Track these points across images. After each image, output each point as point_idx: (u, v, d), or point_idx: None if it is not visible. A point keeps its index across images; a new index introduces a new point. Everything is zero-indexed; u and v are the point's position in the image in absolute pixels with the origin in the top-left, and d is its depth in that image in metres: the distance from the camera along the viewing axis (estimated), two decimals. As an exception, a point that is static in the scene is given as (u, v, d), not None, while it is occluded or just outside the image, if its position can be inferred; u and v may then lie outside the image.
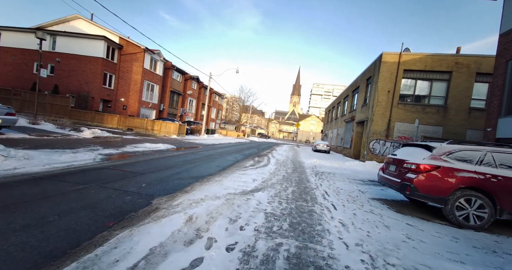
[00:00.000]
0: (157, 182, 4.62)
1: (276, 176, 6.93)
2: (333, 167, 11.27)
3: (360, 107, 19.13)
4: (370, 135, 15.76)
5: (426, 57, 14.97)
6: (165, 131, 17.59)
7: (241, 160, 9.87)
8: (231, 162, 8.88)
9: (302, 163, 11.87)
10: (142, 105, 21.20)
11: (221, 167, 7.52)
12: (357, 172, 10.21)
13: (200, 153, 10.60)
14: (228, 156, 10.90)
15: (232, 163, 8.63)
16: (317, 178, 7.40)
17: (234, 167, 7.74)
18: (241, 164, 8.64)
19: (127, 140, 11.16)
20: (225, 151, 13.01)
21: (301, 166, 10.26)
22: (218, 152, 11.91)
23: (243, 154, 12.90)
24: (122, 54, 20.49)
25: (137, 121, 17.57)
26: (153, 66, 22.10)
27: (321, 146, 23.26)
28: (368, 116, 16.62)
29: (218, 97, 43.48)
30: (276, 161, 11.22)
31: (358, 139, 19.43)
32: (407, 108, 15.14)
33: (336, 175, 8.67)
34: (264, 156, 12.84)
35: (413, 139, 14.98)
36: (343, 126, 25.56)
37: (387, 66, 15.38)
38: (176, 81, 27.26)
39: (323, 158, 16.28)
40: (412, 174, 4.18)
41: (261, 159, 11.12)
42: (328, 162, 12.97)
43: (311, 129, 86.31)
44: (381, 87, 15.48)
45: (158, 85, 23.27)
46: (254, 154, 13.72)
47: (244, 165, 8.45)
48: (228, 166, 7.81)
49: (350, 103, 23.76)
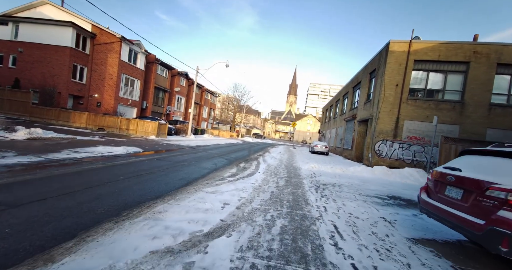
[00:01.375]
0: (28, 225, 2.48)
1: (261, 194, 4.84)
2: (336, 174, 9.24)
3: (363, 104, 17.19)
4: (375, 135, 13.81)
5: (439, 46, 13.08)
6: (142, 131, 15.35)
7: (220, 168, 7.75)
8: (206, 171, 6.75)
9: (298, 168, 9.81)
10: (119, 102, 18.88)
11: (186, 180, 5.39)
12: (366, 181, 8.19)
13: (171, 158, 8.45)
14: (206, 161, 8.77)
15: (206, 173, 6.51)
16: (318, 195, 5.33)
17: (205, 180, 5.62)
18: (218, 174, 6.53)
19: (78, 142, 8.93)
20: (207, 155, 10.88)
21: (297, 174, 8.19)
22: (196, 157, 9.77)
23: (228, 158, 10.78)
24: (96, 44, 18.14)
25: (110, 120, 15.29)
26: (132, 58, 19.80)
27: (319, 147, 21.29)
28: (372, 114, 14.67)
29: (210, 96, 41.24)
30: (266, 167, 9.13)
31: (361, 139, 17.49)
32: (418, 105, 13.23)
33: (343, 187, 6.62)
34: (253, 161, 10.74)
35: (424, 139, 13.09)
36: (342, 126, 23.65)
37: (395, 57, 13.44)
38: (161, 77, 24.97)
39: (322, 161, 14.26)
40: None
41: (248, 165, 9.02)
42: (328, 166, 10.95)
43: (308, 129, 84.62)
44: (388, 81, 13.54)
45: (140, 81, 20.96)
46: (241, 157, 11.61)
47: (221, 176, 6.34)
48: (197, 178, 5.68)
49: (350, 101, 21.84)
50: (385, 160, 13.53)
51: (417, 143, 13.17)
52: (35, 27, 16.93)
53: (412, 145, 13.24)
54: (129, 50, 19.24)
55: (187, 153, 10.47)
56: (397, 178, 9.34)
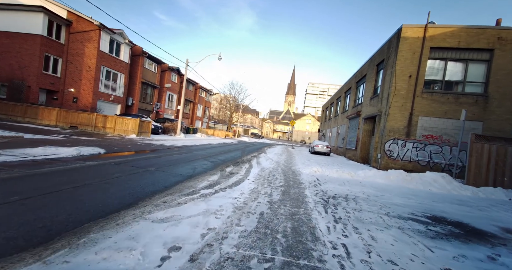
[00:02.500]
0: None
1: (243, 220, 3.12)
2: (345, 181, 7.54)
3: (369, 99, 15.53)
4: (385, 134, 12.13)
5: (459, 31, 11.44)
6: (121, 129, 13.54)
7: (199, 174, 6.01)
8: (175, 180, 5.01)
9: (299, 173, 8.09)
10: (99, 97, 17.02)
11: (133, 196, 3.66)
12: (385, 190, 6.49)
13: (138, 162, 6.70)
14: (183, 165, 7.03)
15: (174, 183, 4.77)
16: (329, 218, 3.62)
17: (165, 195, 3.88)
18: (190, 184, 4.79)
19: (19, 141, 7.13)
20: (189, 157, 9.13)
21: (297, 182, 6.47)
22: (174, 159, 8.02)
23: (214, 160, 9.03)
24: (72, 32, 16.29)
25: (83, 117, 13.47)
26: (114, 49, 17.95)
27: (320, 147, 19.60)
28: (381, 110, 13.01)
29: (205, 94, 39.44)
30: (259, 172, 7.40)
31: (367, 139, 15.83)
32: (435, 98, 11.58)
33: (359, 201, 4.91)
34: (244, 163, 9.01)
35: (442, 137, 11.44)
36: (344, 124, 21.99)
37: (408, 44, 11.78)
38: (150, 71, 23.14)
39: (324, 163, 12.56)
40: None
41: (236, 169, 7.28)
42: (334, 170, 9.24)
43: (307, 129, 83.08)
44: (399, 72, 11.87)
45: (124, 75, 19.12)
46: (231, 160, 9.86)
47: (194, 187, 4.60)
48: (154, 193, 3.95)
49: (353, 97, 20.18)
50: (397, 161, 11.87)
51: (434, 142, 11.51)
52: (1, 14, 15.05)
53: (428, 144, 11.58)
54: (111, 40, 17.40)
55: (164, 155, 8.71)
56: (419, 185, 7.65)
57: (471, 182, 8.07)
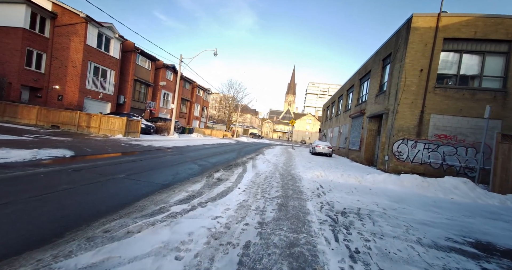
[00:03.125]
0: None
1: (217, 261, 2.08)
2: (352, 187, 6.51)
3: (374, 97, 14.50)
4: (393, 133, 11.11)
5: (475, 20, 10.40)
6: (107, 129, 12.53)
7: (178, 182, 4.99)
8: (144, 191, 4.00)
9: (299, 178, 7.06)
10: (86, 95, 16.01)
11: (64, 223, 2.63)
12: (402, 201, 5.46)
13: (108, 167, 5.70)
14: (163, 171, 6.01)
15: (140, 196, 3.75)
16: (343, 251, 2.61)
17: (119, 216, 2.87)
18: (161, 197, 3.77)
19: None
20: (175, 159, 8.12)
21: (297, 190, 5.44)
22: (156, 163, 7.01)
23: (203, 163, 8.01)
24: (57, 25, 15.27)
25: (66, 116, 12.45)
26: (103, 44, 16.93)
27: (321, 148, 18.55)
28: (388, 108, 11.98)
29: (202, 93, 38.41)
30: (253, 177, 6.37)
31: (372, 139, 14.80)
32: (449, 94, 10.54)
33: (375, 218, 3.89)
34: (238, 167, 7.99)
35: (457, 137, 10.41)
36: (347, 123, 20.95)
37: (419, 35, 10.74)
38: (143, 68, 22.12)
39: (327, 165, 11.52)
40: None
41: (226, 175, 6.26)
42: (338, 174, 8.21)
43: (307, 129, 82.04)
44: (410, 65, 10.84)
45: (114, 71, 18.09)
46: (223, 162, 8.84)
47: (165, 201, 3.59)
48: (104, 213, 2.93)
49: (357, 95, 19.15)
50: (406, 164, 10.84)
51: (448, 143, 10.48)
52: (-19, 5, 14.05)
53: (441, 145, 10.55)
54: (99, 34, 16.38)
55: (147, 158, 7.68)
56: (439, 193, 6.62)
57: (497, 189, 7.04)
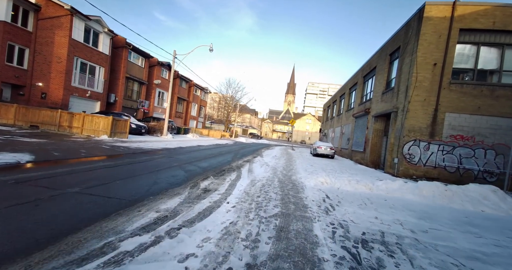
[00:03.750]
0: None
1: None
2: (365, 198, 5.53)
3: (380, 95, 13.52)
4: (403, 134, 10.13)
5: (494, 9, 9.43)
6: (90, 129, 11.51)
7: (149, 197, 4.00)
8: (99, 211, 3.01)
9: (301, 187, 6.07)
10: (72, 93, 14.98)
11: None
12: (429, 217, 4.48)
13: (72, 175, 4.74)
14: (139, 180, 5.02)
15: (86, 222, 2.77)
16: None
17: (28, 265, 1.84)
18: (117, 223, 2.77)
19: None
20: (160, 164, 7.12)
21: (299, 205, 4.46)
22: (136, 168, 6.03)
23: (191, 168, 7.02)
24: (40, 18, 14.25)
25: (46, 115, 11.43)
26: (91, 39, 15.91)
27: (323, 149, 17.57)
28: (397, 106, 11.01)
29: (200, 92, 37.38)
30: (248, 186, 5.38)
31: (378, 139, 13.82)
32: (466, 91, 9.57)
33: (412, 255, 2.93)
34: (231, 172, 7.00)
35: (474, 138, 9.44)
36: (350, 123, 19.99)
37: (432, 25, 9.76)
38: (135, 66, 21.09)
39: (331, 168, 10.52)
40: None
41: (215, 184, 5.26)
42: (344, 179, 7.23)
43: (307, 129, 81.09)
44: (422, 59, 9.87)
45: (104, 68, 17.07)
46: (216, 167, 7.84)
47: (119, 229, 2.60)
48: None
49: (360, 93, 18.17)
50: (418, 167, 9.86)
51: (465, 144, 9.51)
52: (-43, -5, 13.01)
53: (457, 147, 9.57)
54: (86, 28, 15.36)
55: (126, 163, 6.68)
56: (466, 204, 5.63)
57: (531, 198, 6.05)
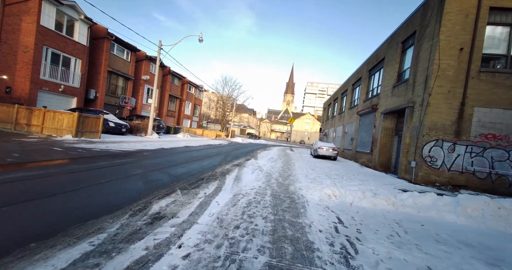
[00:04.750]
0: None
1: None
2: (393, 223, 3.91)
3: (390, 88, 11.91)
4: (423, 132, 8.53)
5: (534, -17, 7.85)
6: (53, 127, 9.81)
7: (35, 242, 2.30)
8: None
9: (302, 203, 4.44)
10: (41, 87, 13.26)
11: None
12: (501, 258, 2.82)
13: None
14: (60, 199, 3.34)
15: None
16: None
17: None
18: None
19: None
20: (119, 171, 5.47)
21: (300, 241, 2.81)
22: (73, 180, 4.37)
23: (158, 177, 5.36)
24: (7, 4, 12.55)
25: (1, 111, 9.73)
26: (65, 27, 14.20)
27: (324, 150, 15.93)
28: (414, 100, 9.41)
29: (194, 90, 35.67)
30: (227, 205, 3.73)
31: (387, 139, 12.21)
32: (498, 81, 7.98)
33: None
34: (211, 182, 5.34)
35: (509, 138, 7.84)
36: (353, 122, 18.39)
37: (458, 2, 8.17)
38: (120, 59, 19.36)
39: (336, 173, 8.85)
40: None
41: (179, 204, 3.61)
42: (357, 190, 5.63)
43: (306, 129, 79.54)
44: (445, 43, 8.27)
45: (81, 60, 15.35)
46: (196, 173, 6.18)
47: None
48: None
49: (365, 88, 16.58)
50: (442, 172, 8.25)
51: (498, 145, 7.91)
52: None
53: (488, 148, 7.98)
54: (58, 14, 13.63)
55: (63, 172, 5.01)
56: (535, 230, 4.01)
57: None
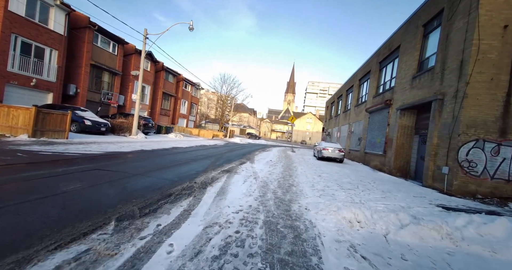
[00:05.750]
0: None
1: None
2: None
3: (410, 80, 10.21)
4: (458, 131, 6.83)
5: None
6: (6, 126, 8.14)
7: None
8: None
9: (312, 242, 2.75)
10: (8, 80, 11.66)
11: None
12: None
13: None
14: None
15: None
16: None
17: None
18: None
19: None
20: (47, 186, 3.78)
21: None
22: None
23: (101, 196, 3.68)
24: (-36, -16, 10.99)
25: None
26: (37, 13, 12.62)
27: (330, 151, 14.23)
28: (443, 91, 7.71)
29: (191, 87, 34.04)
30: (193, 245, 2.01)
31: (405, 139, 10.51)
32: (558, 65, 6.27)
33: None
34: (178, 201, 3.66)
35: None
36: (361, 120, 16.69)
37: (505, -35, 6.47)
38: (105, 52, 17.75)
39: (348, 181, 7.14)
40: None
41: (122, 242, 1.90)
42: (388, 213, 3.99)
43: (307, 128, 77.79)
44: (486, 19, 6.58)
45: (57, 51, 13.76)
46: (164, 186, 4.51)
47: None
48: None
49: (375, 82, 14.87)
50: (483, 180, 6.55)
51: (558, 147, 6.19)
52: None
53: (545, 150, 6.26)
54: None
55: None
56: None
57: None
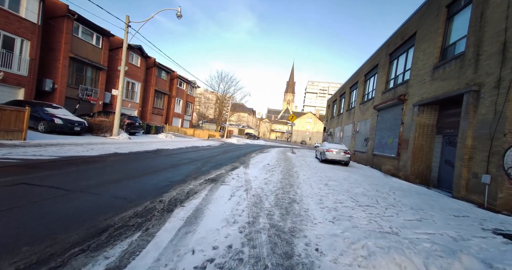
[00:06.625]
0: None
1: None
2: None
3: (430, 70, 8.77)
4: (503, 130, 5.40)
5: None
6: None
7: None
8: None
9: None
10: (-33, 73, 10.22)
11: None
12: None
13: None
14: None
15: None
16: None
17: None
18: None
19: None
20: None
21: None
22: None
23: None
24: None
25: None
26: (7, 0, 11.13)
27: (334, 153, 12.74)
28: (479, 81, 6.28)
29: (185, 85, 32.51)
30: None
31: (425, 140, 9.07)
32: None
33: None
34: (112, 245, 2.16)
35: None
36: (368, 119, 15.25)
37: None
38: (88, 44, 16.22)
39: (363, 193, 5.65)
40: None
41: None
42: (441, 252, 2.42)
43: (307, 128, 76.35)
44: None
45: (30, 41, 12.27)
46: (105, 213, 3.00)
47: None
48: None
49: (384, 77, 13.43)
50: (539, 194, 5.09)
51: None
52: None
53: None
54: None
55: None
56: None
57: None
